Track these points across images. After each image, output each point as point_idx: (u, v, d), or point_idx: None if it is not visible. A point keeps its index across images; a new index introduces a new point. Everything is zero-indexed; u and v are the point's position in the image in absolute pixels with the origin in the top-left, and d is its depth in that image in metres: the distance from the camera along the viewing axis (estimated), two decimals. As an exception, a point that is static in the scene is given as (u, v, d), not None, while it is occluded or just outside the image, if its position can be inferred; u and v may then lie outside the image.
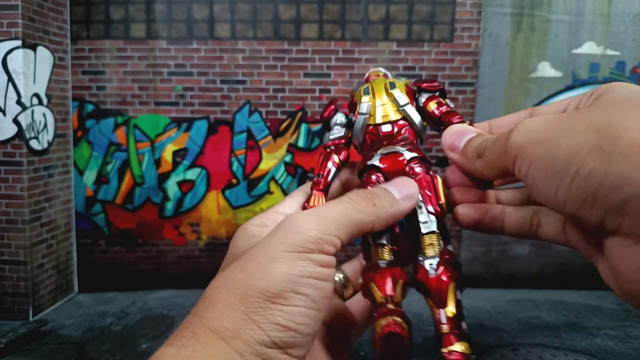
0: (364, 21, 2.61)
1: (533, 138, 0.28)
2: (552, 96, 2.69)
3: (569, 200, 0.26)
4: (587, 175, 0.25)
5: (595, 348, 1.96)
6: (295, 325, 0.28)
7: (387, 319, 0.32)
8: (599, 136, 0.25)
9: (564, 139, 0.26)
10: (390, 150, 0.39)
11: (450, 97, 2.79)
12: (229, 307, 0.28)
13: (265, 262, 0.29)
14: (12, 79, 2.17)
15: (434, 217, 0.36)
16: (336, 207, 0.32)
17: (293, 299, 0.28)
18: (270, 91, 2.65)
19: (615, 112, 0.26)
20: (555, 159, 0.26)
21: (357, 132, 0.41)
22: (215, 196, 2.71)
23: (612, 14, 2.62)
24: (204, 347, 0.27)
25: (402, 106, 0.40)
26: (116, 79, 2.61)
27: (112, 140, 2.64)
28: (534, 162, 0.28)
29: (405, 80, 0.42)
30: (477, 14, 2.62)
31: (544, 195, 0.28)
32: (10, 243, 2.24)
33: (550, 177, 0.27)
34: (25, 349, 1.89)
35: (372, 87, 0.41)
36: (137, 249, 2.74)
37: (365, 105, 0.40)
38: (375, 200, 0.34)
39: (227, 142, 2.68)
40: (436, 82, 0.42)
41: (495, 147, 0.32)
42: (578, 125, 0.26)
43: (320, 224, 0.31)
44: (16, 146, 2.21)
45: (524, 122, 0.30)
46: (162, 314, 2.32)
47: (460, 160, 0.36)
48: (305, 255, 0.29)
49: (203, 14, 2.58)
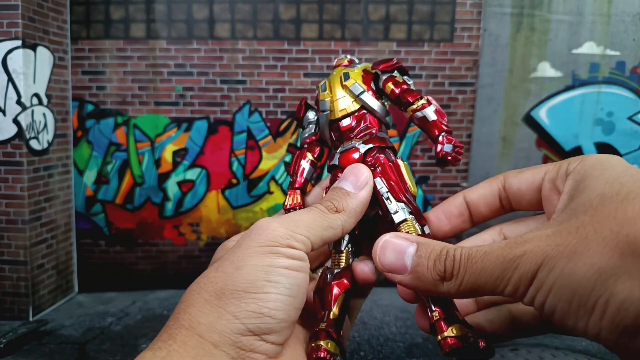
0: (364, 21, 2.61)
1: (546, 265, 0.25)
2: (552, 96, 2.69)
3: (603, 332, 0.24)
4: (620, 304, 0.22)
5: (595, 348, 1.96)
6: (269, 310, 0.29)
7: (317, 343, 0.33)
8: (622, 259, 0.23)
9: (582, 265, 0.23)
10: (346, 147, 0.39)
11: (450, 97, 2.80)
12: (204, 304, 0.29)
13: (238, 260, 0.30)
14: (12, 79, 2.17)
15: (403, 204, 0.36)
16: (305, 214, 0.33)
17: (265, 287, 0.29)
18: (270, 91, 2.65)
19: (622, 216, 0.23)
20: (577, 288, 0.24)
21: (322, 128, 0.41)
22: (215, 196, 2.71)
23: (612, 14, 2.62)
24: (179, 345, 0.27)
25: (358, 95, 0.40)
26: (116, 79, 2.61)
27: (112, 140, 2.64)
28: (552, 291, 0.25)
29: (364, 65, 0.42)
30: (477, 14, 2.62)
31: (570, 326, 0.25)
32: (10, 243, 2.24)
33: (575, 308, 0.24)
34: (25, 349, 1.89)
35: (328, 82, 0.41)
36: (137, 249, 2.74)
37: (324, 102, 0.40)
38: (336, 207, 0.34)
39: (227, 142, 2.68)
40: (393, 59, 0.42)
41: (480, 271, 0.27)
42: (592, 246, 0.24)
43: (289, 225, 0.32)
44: (16, 146, 2.21)
45: (527, 245, 0.26)
46: (162, 314, 2.32)
47: (414, 283, 0.30)
48: (275, 249, 0.30)
49: (203, 14, 2.58)
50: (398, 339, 1.40)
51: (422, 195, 2.77)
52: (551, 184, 0.31)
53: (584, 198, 0.26)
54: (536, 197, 0.33)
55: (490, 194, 0.35)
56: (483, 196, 0.35)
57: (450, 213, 0.36)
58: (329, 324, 0.34)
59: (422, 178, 2.77)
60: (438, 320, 0.32)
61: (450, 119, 2.75)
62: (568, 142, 2.74)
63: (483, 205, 0.36)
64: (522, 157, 2.77)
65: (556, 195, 0.31)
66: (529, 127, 2.73)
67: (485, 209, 0.36)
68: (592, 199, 0.25)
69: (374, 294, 2.59)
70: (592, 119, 2.71)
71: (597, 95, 2.68)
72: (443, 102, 2.71)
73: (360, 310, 0.43)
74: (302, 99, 0.45)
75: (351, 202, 0.35)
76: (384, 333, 1.69)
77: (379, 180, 0.37)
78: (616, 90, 2.68)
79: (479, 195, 0.36)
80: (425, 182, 2.77)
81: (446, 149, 0.36)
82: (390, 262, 0.30)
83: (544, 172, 0.33)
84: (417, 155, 2.75)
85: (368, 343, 1.83)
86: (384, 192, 0.36)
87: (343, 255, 0.37)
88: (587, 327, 0.24)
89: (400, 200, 0.36)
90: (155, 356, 0.27)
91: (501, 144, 2.76)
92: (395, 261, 0.30)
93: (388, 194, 0.36)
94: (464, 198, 0.36)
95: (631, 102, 2.69)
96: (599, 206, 0.25)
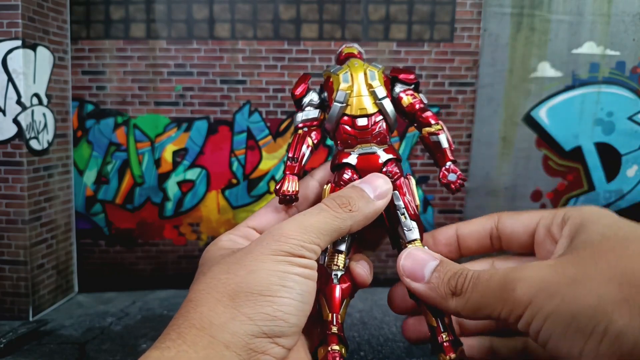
0: (364, 21, 2.61)
1: (545, 290, 0.26)
2: (552, 96, 2.69)
3: (599, 359, 0.24)
4: (618, 333, 0.23)
5: None
6: (283, 314, 0.30)
7: (332, 348, 0.33)
8: (620, 289, 0.23)
9: (582, 292, 0.24)
10: (367, 151, 0.39)
11: (450, 97, 2.79)
12: (216, 305, 0.29)
13: (251, 264, 0.31)
14: (12, 79, 2.17)
15: (415, 223, 0.36)
16: (317, 217, 0.34)
17: (280, 291, 0.30)
18: (270, 91, 2.65)
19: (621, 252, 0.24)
20: (577, 315, 0.24)
21: (331, 118, 0.40)
22: (215, 196, 2.71)
23: (612, 14, 2.62)
24: (189, 346, 0.27)
25: (380, 99, 0.39)
26: (116, 79, 2.61)
27: (112, 140, 2.64)
28: (549, 318, 0.26)
29: (382, 68, 0.42)
30: (477, 14, 2.62)
31: (564, 353, 0.26)
32: (10, 243, 2.24)
33: (571, 334, 0.25)
34: (25, 349, 1.89)
35: (351, 73, 0.41)
36: (137, 249, 2.74)
37: (343, 94, 0.40)
38: (351, 206, 0.35)
39: (227, 142, 2.69)
40: (413, 73, 0.41)
41: (484, 290, 0.29)
42: (593, 276, 0.25)
43: (302, 233, 0.33)
44: (16, 146, 2.21)
45: (528, 271, 0.27)
46: (162, 314, 2.32)
47: (427, 293, 0.33)
48: (288, 259, 0.31)
49: (203, 14, 2.58)
50: (398, 339, 1.41)
51: (422, 195, 2.77)
52: (545, 230, 0.33)
53: (584, 238, 0.27)
54: (528, 241, 0.35)
55: (483, 231, 0.36)
56: (475, 232, 0.36)
57: (440, 241, 0.38)
58: (340, 329, 0.35)
59: (422, 178, 2.77)
60: (447, 342, 0.33)
61: (450, 118, 2.76)
62: (568, 142, 2.74)
63: (473, 240, 0.37)
64: (522, 157, 2.77)
65: (549, 241, 0.32)
66: (529, 127, 2.73)
67: (475, 245, 0.38)
68: (593, 238, 0.27)
69: (374, 294, 2.58)
70: (592, 119, 2.71)
71: (597, 95, 2.68)
72: (443, 102, 2.71)
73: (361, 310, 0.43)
74: (305, 75, 0.44)
75: (366, 207, 0.35)
76: (384, 333, 1.69)
77: (396, 194, 0.37)
78: (616, 90, 2.68)
79: (471, 230, 0.37)
80: (425, 182, 2.77)
81: (450, 178, 0.37)
82: (411, 268, 0.33)
83: (538, 218, 0.34)
84: (417, 155, 2.76)
85: (368, 343, 1.83)
86: (400, 206, 0.37)
87: (342, 256, 0.37)
88: (583, 352, 0.24)
89: (413, 219, 0.36)
90: (163, 356, 0.26)
91: (501, 144, 2.76)
92: (416, 269, 0.33)
93: (404, 209, 0.36)
94: (456, 231, 0.38)
95: (631, 102, 2.69)
96: (599, 244, 0.26)
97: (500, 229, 0.36)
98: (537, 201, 2.97)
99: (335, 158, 0.40)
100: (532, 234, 0.34)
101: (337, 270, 0.37)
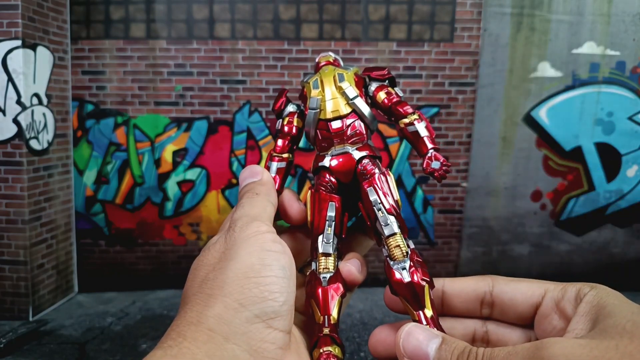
0: (364, 21, 2.61)
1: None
2: (552, 96, 2.69)
3: None
4: None
5: None
6: (270, 294, 0.30)
7: (325, 349, 0.34)
8: None
9: None
10: (340, 151, 0.39)
11: (450, 97, 2.80)
12: (208, 299, 0.30)
13: (231, 255, 0.32)
14: (12, 79, 2.17)
15: (393, 217, 0.36)
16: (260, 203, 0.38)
17: (262, 270, 0.31)
18: (270, 91, 2.65)
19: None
20: None
21: (308, 125, 0.41)
22: (215, 196, 2.71)
23: (612, 14, 2.61)
24: (190, 342, 0.27)
25: (351, 99, 0.40)
26: (116, 79, 2.61)
27: (112, 140, 2.64)
28: None
29: (355, 69, 0.42)
30: (477, 14, 2.62)
31: None
32: (10, 243, 2.24)
33: None
34: (25, 349, 1.89)
35: (320, 79, 0.41)
36: (137, 249, 2.74)
37: (315, 99, 0.40)
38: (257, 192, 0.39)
39: (227, 142, 2.68)
40: (385, 69, 0.42)
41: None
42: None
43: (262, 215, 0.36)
44: (16, 146, 2.21)
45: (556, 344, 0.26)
46: (162, 314, 2.32)
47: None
48: (260, 237, 0.33)
49: (203, 14, 2.58)
50: (398, 339, 1.41)
51: (422, 195, 2.77)
52: (553, 304, 0.32)
53: (613, 322, 0.27)
54: (529, 312, 0.33)
55: (473, 293, 0.35)
56: (464, 292, 0.35)
57: None
58: (332, 330, 0.35)
59: (422, 178, 2.76)
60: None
61: (450, 118, 2.75)
62: (568, 142, 2.74)
63: (460, 301, 0.35)
64: (522, 157, 2.77)
65: (557, 316, 0.31)
66: (529, 127, 2.73)
67: (461, 306, 0.35)
68: (624, 324, 0.26)
69: (374, 294, 2.58)
70: (592, 119, 2.70)
71: (597, 95, 2.68)
72: (443, 102, 2.71)
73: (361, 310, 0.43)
74: (283, 90, 0.45)
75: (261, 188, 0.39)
76: (384, 333, 1.68)
77: (371, 189, 0.37)
78: (616, 90, 2.68)
79: (461, 289, 0.35)
80: (425, 182, 2.77)
81: (434, 165, 0.37)
82: (413, 349, 0.31)
83: (543, 290, 0.32)
84: (416, 155, 2.75)
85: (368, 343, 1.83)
86: (376, 201, 0.37)
87: (331, 259, 0.38)
88: None
89: (391, 213, 0.36)
90: (166, 354, 0.27)
91: (501, 144, 2.76)
92: (418, 350, 0.31)
93: (380, 205, 0.37)
94: (442, 286, 0.36)
95: (631, 102, 2.69)
96: (635, 331, 0.26)
97: (496, 295, 0.34)
98: (537, 201, 2.97)
99: (314, 163, 0.41)
100: (535, 306, 0.33)
101: (327, 273, 0.37)
